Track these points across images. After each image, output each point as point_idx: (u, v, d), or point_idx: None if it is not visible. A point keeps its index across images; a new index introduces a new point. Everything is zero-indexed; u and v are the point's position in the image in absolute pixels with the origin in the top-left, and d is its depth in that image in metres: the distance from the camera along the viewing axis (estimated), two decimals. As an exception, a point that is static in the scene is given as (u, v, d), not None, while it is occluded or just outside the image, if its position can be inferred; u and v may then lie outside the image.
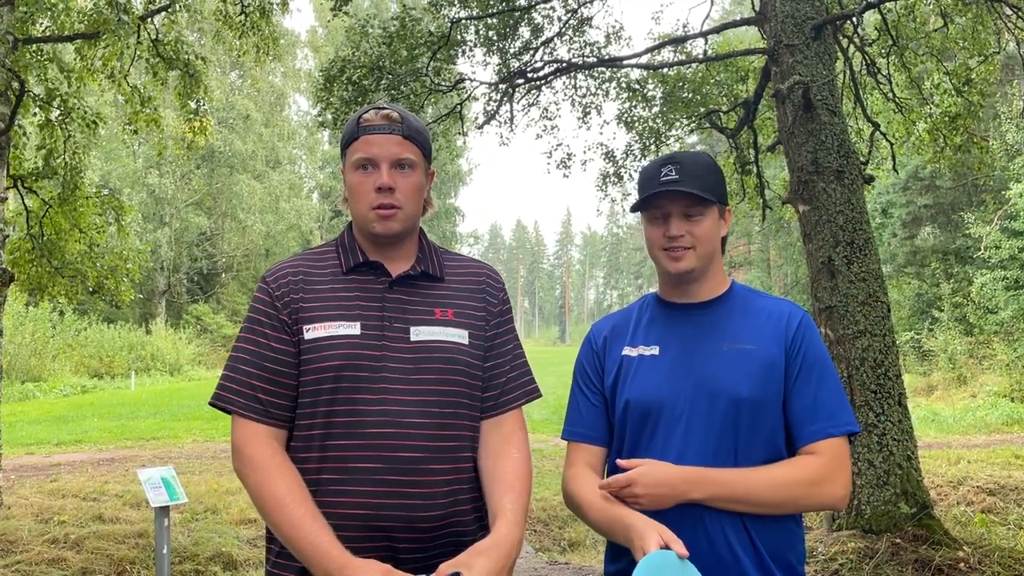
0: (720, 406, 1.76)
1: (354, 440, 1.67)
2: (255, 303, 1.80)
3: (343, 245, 1.86)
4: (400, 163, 1.78)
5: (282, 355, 1.74)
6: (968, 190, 24.15)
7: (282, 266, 1.84)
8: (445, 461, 1.71)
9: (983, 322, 21.54)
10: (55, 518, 6.87)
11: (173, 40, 9.07)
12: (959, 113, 8.92)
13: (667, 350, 1.86)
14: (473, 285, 1.88)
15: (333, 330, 1.72)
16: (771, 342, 1.82)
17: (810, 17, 6.25)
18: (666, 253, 1.85)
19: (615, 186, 10.88)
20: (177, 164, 34.10)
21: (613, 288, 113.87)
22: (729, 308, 1.89)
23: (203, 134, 9.94)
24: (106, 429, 14.00)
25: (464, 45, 9.08)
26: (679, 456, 1.75)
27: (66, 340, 27.04)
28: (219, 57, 32.68)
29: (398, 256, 1.83)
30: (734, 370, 1.78)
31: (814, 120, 6.07)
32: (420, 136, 1.83)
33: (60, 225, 8.84)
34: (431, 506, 1.68)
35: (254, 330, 1.77)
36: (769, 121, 9.56)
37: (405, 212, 1.78)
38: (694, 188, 1.81)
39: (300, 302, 1.76)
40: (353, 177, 1.80)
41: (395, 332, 1.74)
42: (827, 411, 1.78)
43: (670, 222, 1.84)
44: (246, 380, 1.73)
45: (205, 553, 6.09)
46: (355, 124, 1.81)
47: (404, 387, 1.71)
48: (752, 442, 1.76)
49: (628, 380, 1.87)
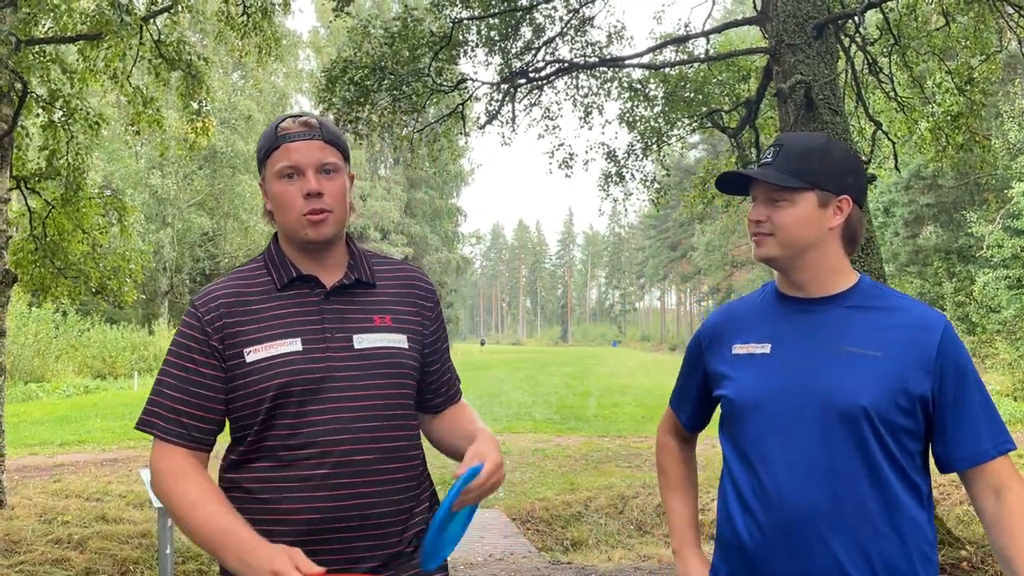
0: (833, 415, 1.64)
1: (307, 450, 1.70)
2: (184, 328, 1.78)
3: (272, 261, 1.83)
4: (325, 168, 1.77)
5: (210, 380, 1.74)
6: (970, 189, 24.13)
7: (212, 290, 1.81)
8: (396, 460, 1.77)
9: (986, 321, 21.53)
10: (58, 518, 6.89)
11: (175, 41, 9.08)
12: (961, 112, 8.90)
13: (778, 349, 1.76)
14: (405, 290, 1.91)
15: (275, 350, 1.72)
16: (904, 352, 1.66)
17: (812, 16, 6.25)
18: (753, 239, 1.78)
19: (617, 186, 10.88)
20: (179, 165, 34.13)
21: (615, 288, 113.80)
22: (852, 307, 1.74)
23: (205, 135, 9.94)
24: (109, 429, 14.02)
25: (466, 45, 9.08)
26: (784, 466, 1.67)
27: (69, 341, 27.08)
28: (221, 58, 32.70)
29: (330, 264, 1.83)
30: (853, 377, 1.65)
31: (816, 119, 6.07)
32: (339, 140, 1.84)
33: (63, 226, 8.86)
34: (386, 503, 1.74)
35: (182, 355, 1.76)
36: (771, 120, 9.55)
37: (335, 215, 1.77)
38: (775, 172, 1.72)
39: (235, 325, 1.75)
40: (277, 187, 1.77)
41: (338, 342, 1.76)
42: (989, 430, 1.67)
43: (756, 206, 1.77)
44: (170, 405, 1.74)
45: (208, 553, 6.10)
46: (273, 133, 1.79)
47: (352, 394, 1.74)
48: (872, 458, 1.64)
49: (733, 379, 1.79)
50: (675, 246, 73.64)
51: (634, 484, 8.33)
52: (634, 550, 6.64)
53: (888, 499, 1.64)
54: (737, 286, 53.22)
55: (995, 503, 1.66)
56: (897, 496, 1.64)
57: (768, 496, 1.68)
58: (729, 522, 1.78)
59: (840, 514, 1.63)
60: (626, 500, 7.82)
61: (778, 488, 1.67)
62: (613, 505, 7.73)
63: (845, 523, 1.63)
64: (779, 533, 1.66)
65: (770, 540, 1.67)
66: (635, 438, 12.41)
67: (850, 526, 1.62)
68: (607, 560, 6.33)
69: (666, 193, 11.42)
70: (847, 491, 1.63)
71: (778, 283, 1.84)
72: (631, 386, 24.57)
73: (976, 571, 5.27)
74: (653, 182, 10.95)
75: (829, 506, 1.63)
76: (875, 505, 1.63)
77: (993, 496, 1.67)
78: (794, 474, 1.66)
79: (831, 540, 1.62)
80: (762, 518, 1.68)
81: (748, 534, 1.71)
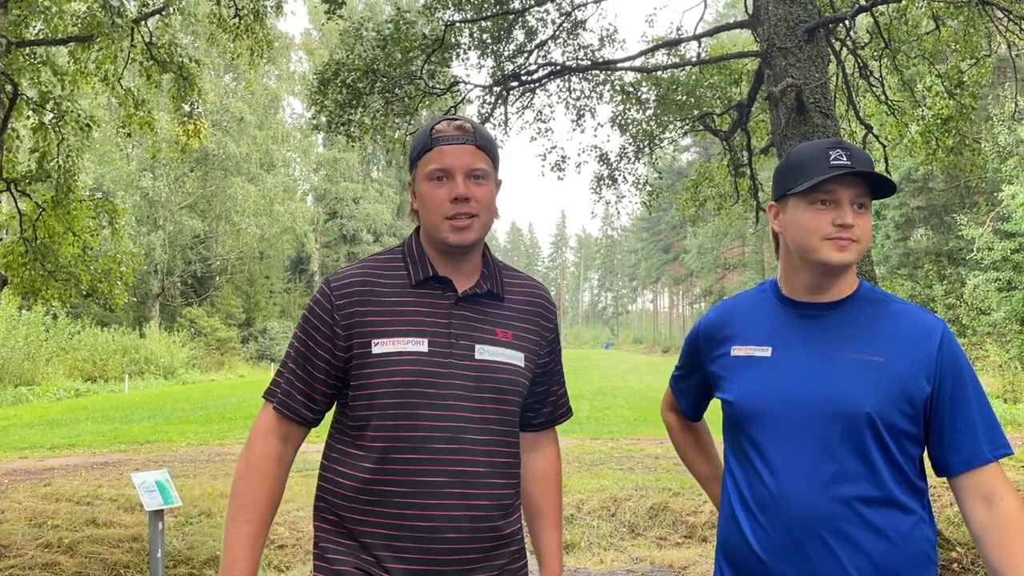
0: (837, 421, 1.65)
1: (420, 454, 1.73)
2: (315, 305, 1.82)
3: (411, 255, 1.86)
4: (475, 173, 1.79)
5: (322, 362, 1.80)
6: (961, 192, 24.26)
7: (348, 274, 1.84)
8: (501, 476, 1.81)
9: (976, 323, 21.65)
10: (48, 522, 6.85)
11: (167, 43, 9.06)
12: (951, 115, 8.94)
13: (780, 353, 1.75)
14: (529, 308, 1.93)
15: (401, 346, 1.76)
16: (906, 357, 1.67)
17: (803, 20, 6.28)
18: (832, 242, 1.68)
19: (609, 188, 10.90)
20: (171, 167, 34.03)
21: (608, 290, 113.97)
22: (853, 311, 1.75)
23: (197, 137, 9.92)
24: (100, 433, 13.96)
25: (458, 48, 9.09)
26: (788, 472, 1.67)
27: (59, 344, 26.95)
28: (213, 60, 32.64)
29: (465, 270, 1.85)
30: (856, 383, 1.66)
31: (807, 123, 6.09)
32: (491, 146, 1.85)
33: (53, 228, 8.81)
34: (492, 517, 1.78)
35: (307, 332, 1.82)
36: (762, 124, 9.59)
37: (481, 220, 1.80)
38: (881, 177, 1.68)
39: (365, 315, 1.78)
40: (426, 187, 1.80)
41: (461, 350, 1.79)
42: (987, 434, 1.68)
43: (843, 209, 1.68)
44: (289, 378, 1.82)
45: (200, 556, 6.08)
46: (427, 135, 1.81)
47: (466, 404, 1.77)
48: (874, 463, 1.65)
49: (733, 382, 1.79)
50: (667, 249, 73.79)
51: (627, 486, 8.33)
52: (626, 552, 6.64)
53: (891, 503, 1.66)
54: (729, 288, 53.35)
55: (987, 513, 1.65)
56: (899, 500, 1.66)
57: (774, 502, 1.69)
58: (734, 528, 1.78)
59: (844, 519, 1.64)
60: (618, 502, 7.82)
61: (784, 494, 1.68)
62: (605, 507, 7.73)
63: (849, 528, 1.64)
64: (785, 539, 1.67)
65: (777, 546, 1.68)
66: (628, 440, 12.41)
67: (854, 530, 1.64)
68: (599, 563, 6.33)
69: (658, 196, 11.44)
70: (851, 496, 1.64)
71: (784, 285, 1.82)
72: (624, 388, 24.59)
73: (967, 572, 5.30)
74: (645, 185, 10.98)
75: (834, 511, 1.64)
76: (879, 510, 1.65)
77: (984, 505, 1.66)
78: (799, 480, 1.66)
79: (835, 545, 1.64)
80: (768, 524, 1.69)
81: (755, 540, 1.71)
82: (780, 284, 1.84)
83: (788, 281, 1.81)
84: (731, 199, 10.06)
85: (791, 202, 1.76)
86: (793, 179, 1.74)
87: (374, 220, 50.09)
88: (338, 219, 50.16)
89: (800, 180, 1.71)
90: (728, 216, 11.80)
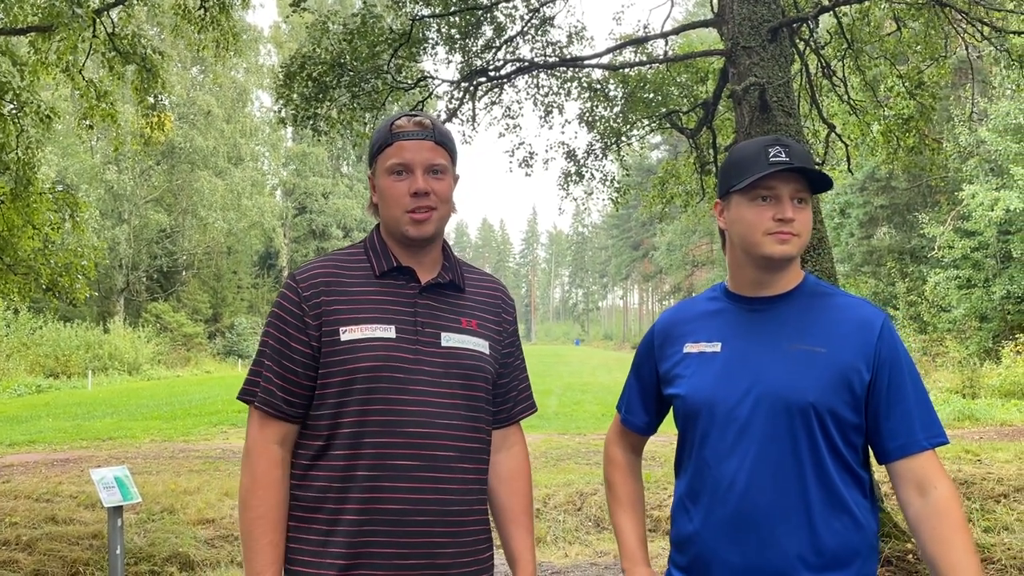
0: (780, 411, 1.69)
1: (392, 439, 1.76)
2: (282, 300, 1.85)
3: (373, 249, 1.90)
4: (433, 168, 1.84)
5: (299, 355, 1.81)
6: (923, 191, 24.68)
7: (312, 267, 1.88)
8: (472, 461, 1.85)
9: (936, 320, 22.06)
10: (7, 519, 6.74)
11: (130, 34, 8.92)
12: (912, 115, 9.10)
13: (728, 347, 1.79)
14: (490, 300, 1.99)
15: (370, 332, 1.79)
16: (847, 347, 1.71)
17: (766, 20, 6.35)
18: (774, 237, 1.73)
19: (577, 185, 10.93)
20: (136, 160, 33.54)
21: (579, 287, 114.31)
22: (797, 304, 1.79)
23: (161, 129, 9.79)
24: (61, 429, 13.75)
25: (426, 43, 9.06)
26: (739, 464, 1.71)
27: (21, 339, 26.50)
28: (180, 52, 32.18)
29: (426, 262, 1.90)
30: (798, 373, 1.70)
31: (770, 121, 6.16)
32: (450, 142, 1.90)
33: (13, 221, 8.64)
34: (462, 501, 1.82)
35: (278, 327, 1.84)
36: (728, 122, 9.68)
37: (439, 214, 1.85)
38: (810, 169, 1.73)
39: (332, 304, 1.81)
40: (386, 182, 1.85)
41: (427, 337, 1.83)
42: (923, 422, 1.72)
43: (783, 204, 1.73)
44: (268, 376, 1.83)
45: (161, 554, 6.03)
46: (387, 130, 1.86)
47: (436, 389, 1.81)
48: (817, 452, 1.68)
49: (684, 377, 1.82)
50: (637, 246, 74.21)
51: (593, 481, 8.39)
52: (591, 546, 6.69)
53: (833, 491, 1.70)
54: (698, 285, 53.79)
55: (920, 502, 1.70)
56: (841, 489, 1.70)
57: (719, 490, 1.73)
58: (683, 516, 1.83)
59: (788, 507, 1.68)
60: (584, 497, 7.87)
61: (730, 482, 1.72)
62: (571, 502, 7.78)
63: (792, 515, 1.68)
64: (730, 526, 1.71)
65: (722, 533, 1.72)
66: (595, 436, 12.49)
67: (797, 518, 1.68)
68: (564, 556, 6.38)
69: (626, 193, 11.50)
70: (794, 484, 1.69)
71: (731, 282, 1.87)
72: (592, 384, 24.73)
73: (922, 563, 5.41)
74: (613, 181, 11.03)
75: (777, 499, 1.68)
76: (821, 497, 1.69)
77: (917, 493, 1.71)
78: (744, 469, 1.70)
79: (779, 532, 1.67)
80: (714, 512, 1.73)
81: (702, 527, 1.76)
82: (727, 282, 1.89)
83: (735, 278, 1.86)
84: (697, 196, 10.14)
85: (734, 199, 1.80)
86: (735, 176, 1.78)
87: (344, 215, 49.79)
88: (307, 214, 49.81)
89: (741, 177, 1.76)
90: (696, 213, 11.90)
